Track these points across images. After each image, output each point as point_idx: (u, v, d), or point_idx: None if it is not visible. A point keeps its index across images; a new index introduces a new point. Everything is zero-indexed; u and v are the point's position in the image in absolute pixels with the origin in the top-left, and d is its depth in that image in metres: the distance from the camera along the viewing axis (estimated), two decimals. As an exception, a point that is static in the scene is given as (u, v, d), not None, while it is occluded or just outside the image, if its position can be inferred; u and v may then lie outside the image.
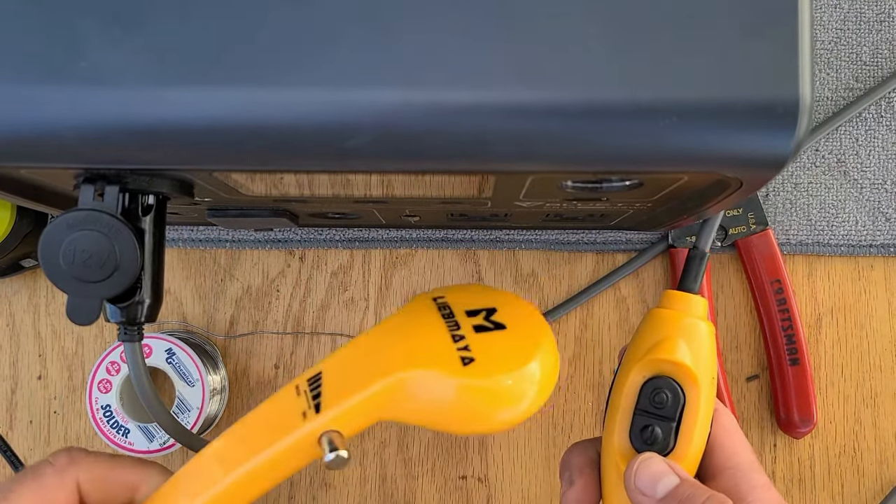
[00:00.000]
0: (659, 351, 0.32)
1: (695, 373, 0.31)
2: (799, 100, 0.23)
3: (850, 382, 0.48)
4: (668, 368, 0.32)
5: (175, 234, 0.48)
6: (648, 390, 0.32)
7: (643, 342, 0.33)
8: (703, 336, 0.32)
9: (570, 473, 0.34)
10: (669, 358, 0.32)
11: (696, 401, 0.32)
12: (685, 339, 0.32)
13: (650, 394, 0.32)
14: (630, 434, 0.32)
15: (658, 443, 0.32)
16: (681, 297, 0.33)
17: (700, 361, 0.32)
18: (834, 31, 0.49)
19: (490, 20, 0.23)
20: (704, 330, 0.32)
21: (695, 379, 0.31)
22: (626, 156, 0.25)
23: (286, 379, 0.48)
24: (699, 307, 0.33)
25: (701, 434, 0.32)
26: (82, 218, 0.27)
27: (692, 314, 0.33)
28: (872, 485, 0.47)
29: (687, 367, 0.31)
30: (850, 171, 0.48)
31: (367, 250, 0.49)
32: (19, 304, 0.49)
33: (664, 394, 0.32)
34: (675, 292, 0.33)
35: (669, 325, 0.32)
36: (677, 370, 0.32)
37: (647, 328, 0.33)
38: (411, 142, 0.24)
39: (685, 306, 0.33)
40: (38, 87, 0.24)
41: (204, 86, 0.23)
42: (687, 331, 0.32)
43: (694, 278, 0.33)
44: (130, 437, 0.44)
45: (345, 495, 0.48)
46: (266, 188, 0.33)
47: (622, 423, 0.33)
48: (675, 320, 0.32)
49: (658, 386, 0.32)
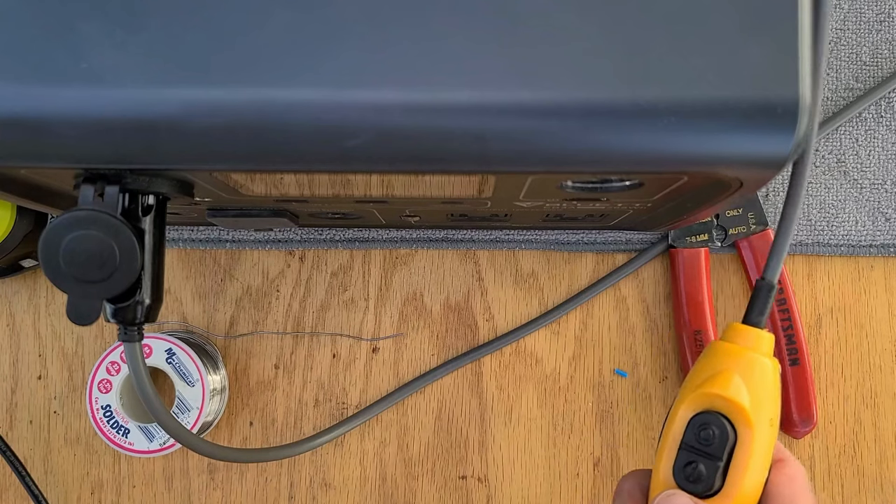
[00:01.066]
0: (711, 385, 0.30)
1: (748, 411, 0.29)
2: (799, 100, 0.23)
3: (850, 382, 0.48)
4: (718, 404, 0.30)
5: (175, 234, 0.48)
6: (696, 425, 0.30)
7: (699, 374, 0.31)
8: (765, 374, 0.30)
9: (620, 500, 0.33)
10: (720, 393, 0.30)
11: (748, 441, 0.29)
12: (742, 375, 0.30)
13: (697, 429, 0.30)
14: (674, 468, 0.31)
15: (702, 481, 0.30)
16: (744, 330, 0.31)
17: (757, 400, 0.30)
18: (834, 31, 0.49)
19: (490, 20, 0.23)
20: (767, 367, 0.30)
21: (747, 418, 0.29)
22: (626, 156, 0.25)
23: (286, 379, 0.48)
24: (763, 343, 0.31)
25: (753, 478, 0.30)
26: (82, 218, 0.27)
27: (755, 349, 0.31)
28: (872, 485, 0.47)
29: (739, 405, 0.30)
30: (849, 171, 0.48)
31: (367, 250, 0.49)
32: (19, 304, 0.49)
33: (711, 430, 0.30)
34: (739, 325, 0.31)
35: (727, 358, 0.31)
36: (728, 406, 0.30)
37: (705, 360, 0.31)
38: (411, 142, 0.24)
39: (748, 340, 0.31)
40: (38, 87, 0.24)
41: (204, 86, 0.23)
42: (746, 366, 0.30)
43: (760, 312, 0.31)
44: (130, 437, 0.44)
45: (345, 495, 0.48)
46: (266, 188, 0.33)
47: (668, 456, 0.31)
48: (735, 354, 0.31)
49: (706, 421, 0.30)
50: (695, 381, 0.31)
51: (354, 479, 0.48)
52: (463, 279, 0.49)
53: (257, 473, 0.48)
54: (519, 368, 0.48)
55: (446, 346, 0.49)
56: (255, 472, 0.48)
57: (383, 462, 0.48)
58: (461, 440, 0.48)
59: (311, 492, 0.48)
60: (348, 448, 0.48)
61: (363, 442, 0.48)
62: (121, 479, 0.48)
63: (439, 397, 0.48)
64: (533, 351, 0.48)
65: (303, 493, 0.48)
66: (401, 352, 0.49)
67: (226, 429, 0.48)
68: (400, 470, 0.48)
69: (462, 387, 0.48)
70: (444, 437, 0.48)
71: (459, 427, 0.48)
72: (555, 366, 0.48)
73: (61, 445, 0.48)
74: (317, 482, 0.48)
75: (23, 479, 0.46)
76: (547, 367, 0.48)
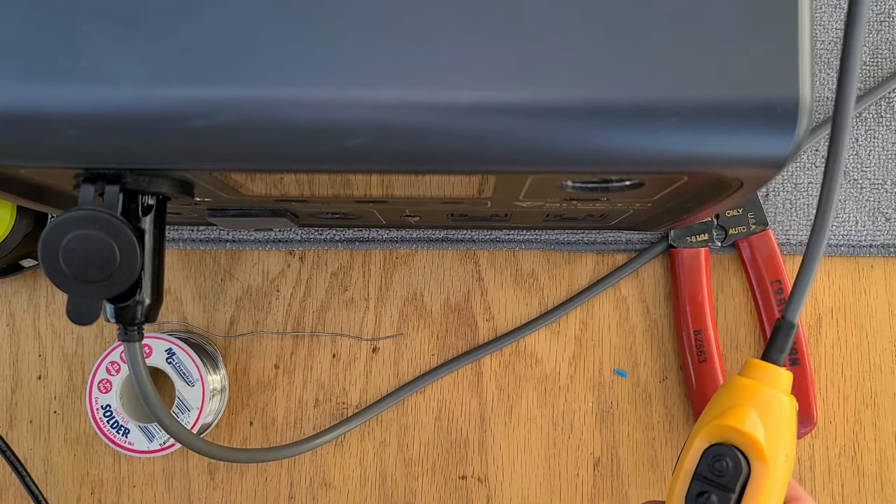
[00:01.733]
0: (727, 417, 0.31)
1: (762, 445, 0.30)
2: (799, 100, 0.23)
3: (850, 382, 0.48)
4: (733, 436, 0.31)
5: (175, 234, 0.48)
6: (710, 456, 0.31)
7: (716, 407, 0.32)
8: (782, 411, 0.31)
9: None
10: (735, 426, 0.30)
11: (762, 476, 0.30)
12: (758, 410, 0.31)
13: (710, 460, 0.31)
14: (686, 497, 0.31)
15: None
16: (763, 367, 0.31)
17: (773, 436, 0.30)
18: (834, 31, 0.49)
19: (490, 20, 0.23)
20: (785, 404, 0.31)
21: (762, 452, 0.30)
22: (626, 156, 0.25)
23: (286, 379, 0.48)
24: (782, 380, 0.31)
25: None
26: (82, 218, 0.27)
27: (772, 385, 0.31)
28: (872, 485, 0.47)
29: (753, 438, 0.30)
30: (850, 171, 0.48)
31: (367, 250, 0.49)
32: (19, 304, 0.49)
33: (725, 462, 0.30)
34: (758, 362, 0.32)
35: (744, 392, 0.31)
36: (743, 440, 0.30)
37: (723, 394, 0.32)
38: (411, 142, 0.24)
39: (766, 377, 0.31)
40: (38, 86, 0.24)
41: (204, 86, 0.23)
42: (762, 402, 0.31)
43: (780, 350, 0.31)
44: (130, 437, 0.44)
45: (345, 495, 0.48)
46: (266, 188, 0.33)
47: (681, 486, 0.32)
48: (752, 389, 0.31)
49: (720, 453, 0.31)
50: (712, 414, 0.32)
51: (354, 478, 0.48)
52: (463, 279, 0.49)
53: (257, 473, 0.48)
54: (519, 368, 0.48)
55: (446, 346, 0.49)
56: (255, 472, 0.48)
57: (383, 462, 0.48)
58: (461, 440, 0.48)
59: (311, 492, 0.48)
60: (348, 448, 0.48)
61: (363, 442, 0.48)
62: (121, 479, 0.48)
63: (439, 397, 0.48)
64: (533, 351, 0.48)
65: (303, 493, 0.48)
66: (401, 352, 0.49)
67: (226, 429, 0.48)
68: (400, 470, 0.48)
69: (462, 387, 0.48)
70: (444, 436, 0.48)
71: (459, 427, 0.48)
72: (555, 366, 0.48)
73: (61, 445, 0.48)
74: (317, 482, 0.48)
75: (23, 479, 0.46)
76: (547, 367, 0.48)
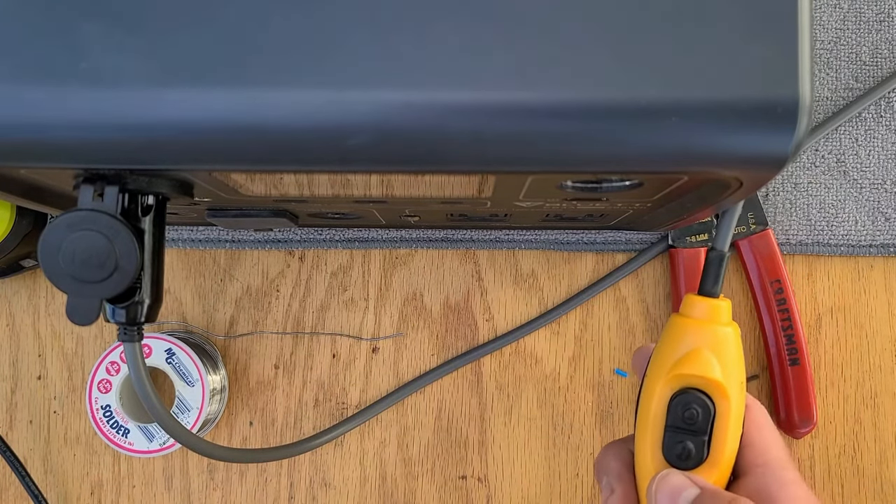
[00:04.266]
0: (686, 365, 0.31)
1: (723, 385, 0.31)
2: (798, 100, 0.23)
3: (849, 382, 0.48)
4: (696, 382, 0.31)
5: (175, 234, 0.48)
6: (678, 407, 0.31)
7: (668, 354, 0.32)
8: (730, 343, 0.31)
9: (608, 479, 0.34)
10: (698, 373, 0.31)
11: (726, 411, 0.31)
12: (712, 350, 0.31)
13: (680, 411, 0.31)
14: (663, 451, 0.32)
15: (692, 457, 0.31)
16: (702, 302, 0.31)
17: (729, 371, 0.31)
18: (834, 31, 0.49)
19: (489, 20, 0.23)
20: (731, 336, 0.31)
21: (724, 390, 0.31)
22: (626, 156, 0.25)
23: (286, 379, 0.48)
24: (723, 312, 0.31)
25: (733, 440, 0.31)
26: (82, 218, 0.27)
27: (716, 321, 0.31)
28: (872, 485, 0.47)
29: (715, 381, 0.31)
30: (849, 171, 0.48)
31: (366, 250, 0.49)
32: (19, 304, 0.49)
33: (694, 410, 0.31)
34: (696, 298, 0.32)
35: (694, 335, 0.31)
36: (707, 384, 0.31)
37: (670, 338, 0.32)
38: (411, 142, 0.24)
39: (708, 313, 0.31)
40: (38, 87, 0.24)
41: (204, 86, 0.23)
42: (713, 340, 0.31)
43: (714, 281, 0.32)
44: (130, 437, 0.44)
45: (345, 495, 0.48)
46: (266, 188, 0.33)
47: (653, 439, 0.32)
48: (700, 329, 0.31)
49: (688, 402, 0.31)
50: (666, 361, 0.32)
51: (354, 479, 0.48)
52: (463, 279, 0.49)
53: (257, 473, 0.48)
54: (519, 368, 0.48)
55: (446, 346, 0.49)
56: (255, 472, 0.48)
57: (383, 462, 0.48)
58: (461, 440, 0.48)
59: (311, 492, 0.48)
60: (348, 448, 0.48)
61: (363, 442, 0.48)
62: (121, 479, 0.48)
63: (439, 397, 0.48)
64: (533, 351, 0.48)
65: (303, 493, 0.48)
66: (401, 352, 0.49)
67: (226, 429, 0.48)
68: (400, 470, 0.48)
69: (462, 387, 0.48)
70: (443, 437, 0.48)
71: (459, 427, 0.48)
72: (554, 366, 0.48)
73: (61, 445, 0.48)
74: (317, 482, 0.48)
75: (23, 480, 0.46)
76: (547, 367, 0.48)
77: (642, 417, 0.32)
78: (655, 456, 0.32)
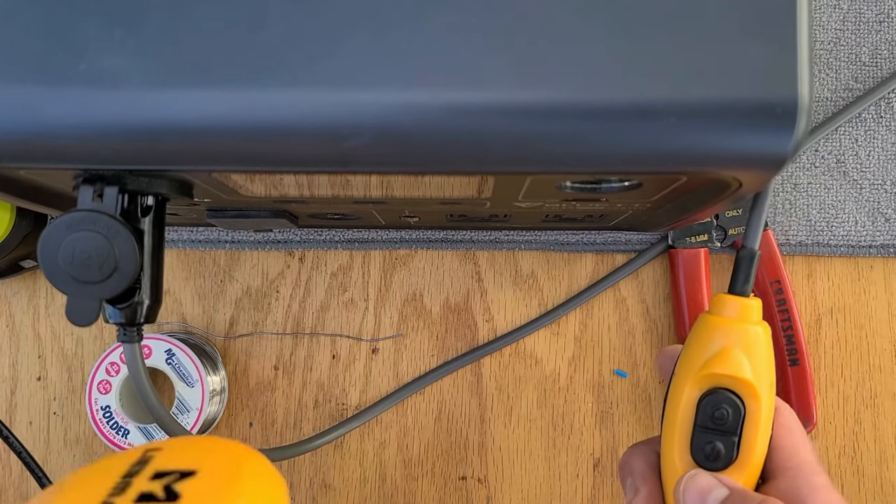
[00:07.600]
0: (716, 365, 0.30)
1: (754, 385, 0.30)
2: (798, 100, 0.23)
3: (849, 383, 0.48)
4: (726, 382, 0.31)
5: (174, 235, 0.48)
6: (707, 406, 0.31)
7: (698, 353, 0.31)
8: (761, 342, 0.31)
9: (632, 480, 0.33)
10: (728, 373, 0.30)
11: (756, 411, 0.30)
12: (743, 350, 0.30)
13: (710, 410, 0.31)
14: (692, 451, 0.31)
15: (721, 458, 0.31)
16: (733, 301, 0.31)
17: (759, 371, 0.30)
18: (833, 31, 0.49)
19: (489, 21, 0.23)
20: (762, 335, 0.31)
21: (754, 391, 0.30)
22: (626, 156, 0.25)
23: (286, 380, 0.48)
24: (754, 311, 0.31)
25: (763, 441, 0.31)
26: (81, 219, 0.27)
27: (747, 320, 0.31)
28: (872, 485, 0.47)
29: (746, 381, 0.30)
30: (849, 172, 0.48)
31: (366, 251, 0.49)
32: (19, 305, 0.49)
33: (724, 410, 0.30)
34: (727, 297, 0.31)
35: (725, 334, 0.31)
36: (737, 384, 0.30)
37: (700, 337, 0.31)
38: (411, 142, 0.24)
39: (739, 312, 0.31)
40: (37, 88, 0.24)
41: (203, 87, 0.23)
42: (744, 340, 0.30)
43: (745, 280, 0.31)
44: (130, 438, 0.44)
45: (344, 496, 0.48)
46: (266, 188, 0.33)
47: (681, 439, 0.32)
48: (731, 329, 0.31)
49: (718, 402, 0.31)
50: (695, 361, 0.31)
51: (354, 479, 0.48)
52: (462, 280, 0.49)
53: (257, 474, 0.48)
54: (519, 369, 0.48)
55: (446, 346, 0.49)
56: (255, 472, 0.48)
57: (383, 463, 0.48)
58: (461, 441, 0.48)
59: (311, 492, 0.48)
60: (348, 449, 0.48)
61: (363, 443, 0.48)
62: (120, 480, 0.48)
63: (439, 398, 0.48)
64: (533, 351, 0.48)
65: (303, 493, 0.48)
66: (400, 352, 0.49)
67: (226, 429, 0.48)
68: (400, 471, 0.48)
69: (462, 387, 0.48)
70: (443, 437, 0.48)
71: (459, 428, 0.48)
72: (554, 366, 0.48)
73: (61, 447, 0.48)
74: (316, 483, 0.48)
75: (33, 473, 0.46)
76: (546, 368, 0.48)
77: (670, 417, 0.32)
78: (683, 456, 0.31)
